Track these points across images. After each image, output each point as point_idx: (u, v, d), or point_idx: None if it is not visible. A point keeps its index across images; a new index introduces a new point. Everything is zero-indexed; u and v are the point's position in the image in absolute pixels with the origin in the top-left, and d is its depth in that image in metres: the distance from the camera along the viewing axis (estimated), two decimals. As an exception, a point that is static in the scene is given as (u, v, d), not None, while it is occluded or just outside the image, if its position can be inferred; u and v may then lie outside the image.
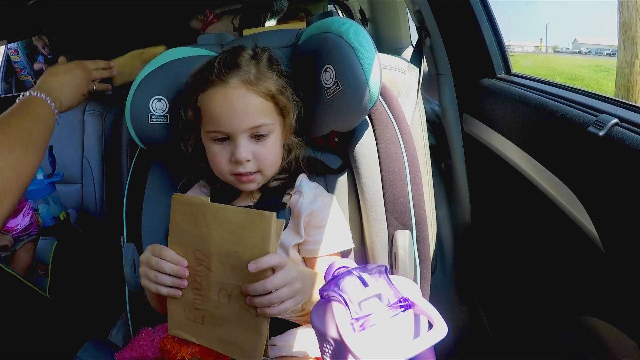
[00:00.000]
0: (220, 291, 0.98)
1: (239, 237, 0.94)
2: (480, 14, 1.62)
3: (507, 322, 1.64)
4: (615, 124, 0.97)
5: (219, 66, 1.15)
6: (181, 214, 1.00)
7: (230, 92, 1.13)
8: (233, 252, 0.95)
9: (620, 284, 1.01)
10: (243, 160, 1.14)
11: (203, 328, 1.02)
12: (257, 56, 1.19)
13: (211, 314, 1.00)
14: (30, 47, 2.61)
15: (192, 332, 1.04)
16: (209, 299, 0.99)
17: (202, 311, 1.01)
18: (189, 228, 0.99)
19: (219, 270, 0.97)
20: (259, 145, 1.16)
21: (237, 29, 2.91)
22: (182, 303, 1.02)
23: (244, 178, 1.17)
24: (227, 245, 0.96)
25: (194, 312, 1.02)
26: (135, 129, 1.32)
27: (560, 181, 1.13)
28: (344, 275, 0.83)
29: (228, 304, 0.98)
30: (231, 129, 1.13)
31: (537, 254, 1.41)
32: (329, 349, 0.79)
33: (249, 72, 1.14)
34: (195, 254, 0.99)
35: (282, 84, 1.19)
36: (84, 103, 2.41)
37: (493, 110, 1.51)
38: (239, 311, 0.97)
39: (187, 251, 1.00)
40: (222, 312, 0.99)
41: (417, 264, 1.28)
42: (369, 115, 1.31)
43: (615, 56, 1.91)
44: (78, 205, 2.29)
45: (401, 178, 1.27)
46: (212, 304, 0.99)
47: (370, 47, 1.18)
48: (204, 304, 1.00)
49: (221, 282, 0.97)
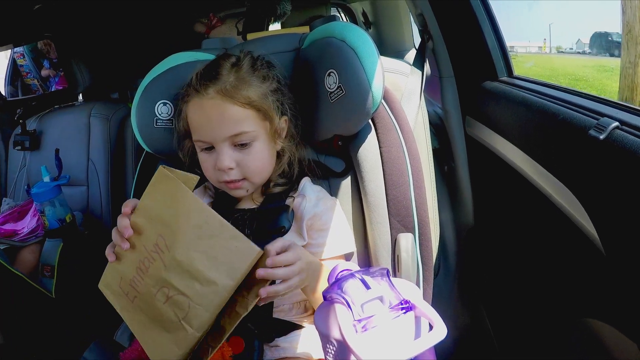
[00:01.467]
0: (162, 288, 0.94)
1: (209, 250, 0.91)
2: (482, 17, 1.63)
3: (509, 325, 1.64)
4: (616, 128, 0.97)
5: (197, 78, 1.16)
6: (161, 192, 0.95)
7: (205, 102, 1.14)
8: (197, 261, 0.91)
9: (622, 286, 1.01)
10: (225, 168, 1.15)
11: (130, 306, 0.99)
12: (238, 63, 1.19)
13: (144, 302, 0.97)
14: (36, 51, 2.62)
15: (118, 303, 1.01)
16: (148, 288, 0.96)
17: (136, 292, 0.98)
18: (162, 210, 0.95)
19: (172, 270, 0.93)
20: (243, 154, 1.16)
21: (241, 33, 2.92)
22: (121, 271, 1.00)
23: (231, 185, 1.19)
24: (193, 252, 0.92)
25: (128, 287, 0.99)
26: (141, 133, 1.33)
27: (562, 184, 1.14)
28: (347, 278, 0.84)
29: (163, 304, 0.94)
30: (211, 138, 1.15)
31: (540, 256, 1.41)
32: (332, 349, 0.80)
33: (226, 81, 1.14)
34: (157, 239, 0.94)
35: (265, 89, 1.18)
36: (90, 105, 2.43)
37: (495, 113, 1.52)
38: (169, 318, 0.93)
39: (151, 230, 0.95)
40: (154, 307, 0.95)
41: (420, 266, 1.28)
42: (372, 118, 1.31)
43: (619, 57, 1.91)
44: (84, 207, 2.30)
45: (404, 181, 1.28)
46: (148, 295, 0.96)
47: (373, 51, 1.19)
48: (140, 288, 0.97)
49: (168, 281, 0.93)
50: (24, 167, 2.46)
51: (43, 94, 2.62)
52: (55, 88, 2.58)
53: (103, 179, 2.29)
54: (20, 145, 2.42)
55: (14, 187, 2.46)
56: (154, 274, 0.95)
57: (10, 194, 2.45)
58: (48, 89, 2.61)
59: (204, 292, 0.90)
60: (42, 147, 2.43)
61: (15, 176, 2.47)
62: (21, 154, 2.46)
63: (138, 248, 0.97)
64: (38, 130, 2.44)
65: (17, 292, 1.81)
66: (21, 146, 2.42)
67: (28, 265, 1.98)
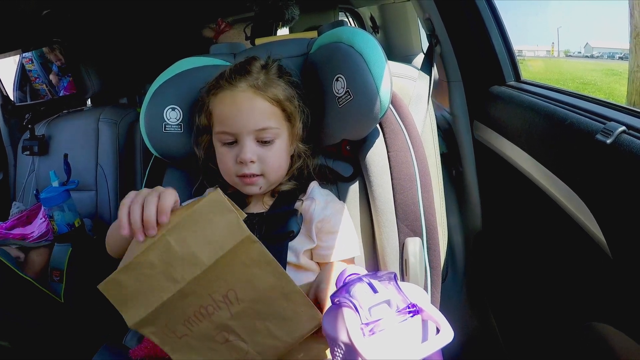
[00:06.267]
0: (222, 332, 0.93)
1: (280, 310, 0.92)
2: (489, 22, 1.63)
3: (517, 329, 1.64)
4: (623, 132, 0.97)
5: (230, 72, 1.20)
6: (250, 260, 0.90)
7: (238, 94, 1.17)
8: (266, 318, 0.92)
9: (629, 290, 1.01)
10: (247, 160, 1.17)
11: (177, 341, 0.94)
12: (267, 66, 1.23)
13: (196, 339, 0.94)
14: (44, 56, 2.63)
15: (161, 338, 0.94)
16: (207, 331, 0.93)
17: (189, 331, 0.93)
18: (243, 271, 0.90)
19: (239, 319, 0.92)
20: (265, 149, 1.19)
21: (249, 38, 2.93)
22: (173, 315, 0.92)
23: (247, 180, 1.20)
24: (266, 308, 0.92)
25: (179, 326, 0.93)
26: (150, 138, 1.34)
27: (570, 188, 1.14)
28: (355, 282, 0.84)
29: (221, 344, 0.93)
30: (237, 129, 1.17)
31: (547, 260, 1.41)
32: (339, 352, 0.80)
33: (258, 78, 1.19)
34: (227, 292, 0.91)
35: (291, 92, 1.22)
36: (98, 110, 2.44)
37: (503, 118, 1.52)
38: (224, 356, 0.94)
39: (222, 283, 0.90)
40: (208, 345, 0.94)
41: (428, 270, 1.28)
42: (380, 123, 1.32)
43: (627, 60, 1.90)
44: (92, 212, 2.31)
45: (412, 186, 1.28)
46: (204, 334, 0.93)
47: (380, 56, 1.20)
48: (195, 328, 0.93)
49: (231, 328, 0.93)
50: (33, 171, 2.47)
51: (52, 98, 2.63)
52: (64, 93, 2.60)
53: (112, 184, 2.30)
54: (29, 150, 2.44)
55: (23, 192, 2.48)
56: (217, 321, 0.92)
57: (19, 199, 2.47)
58: (57, 94, 2.62)
59: (265, 342, 0.93)
60: (51, 152, 2.44)
61: (24, 181, 2.48)
62: (30, 159, 2.48)
63: (200, 295, 0.91)
64: (47, 135, 2.46)
65: (26, 296, 1.82)
66: (30, 151, 2.44)
67: (36, 269, 1.99)
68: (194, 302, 0.91)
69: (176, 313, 0.92)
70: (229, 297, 0.91)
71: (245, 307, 0.91)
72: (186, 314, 0.92)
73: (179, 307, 0.91)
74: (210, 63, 1.37)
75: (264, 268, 0.89)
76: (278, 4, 2.81)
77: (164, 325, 0.93)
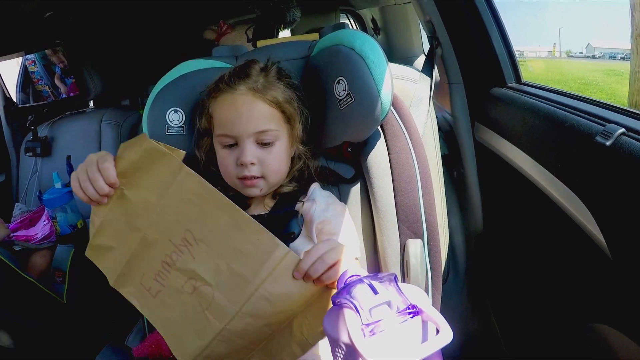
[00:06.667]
0: (189, 279, 0.95)
1: (237, 243, 0.92)
2: (490, 24, 1.64)
3: (518, 330, 1.64)
4: (622, 134, 0.98)
5: (230, 75, 1.20)
6: (189, 192, 0.95)
7: (237, 97, 1.18)
8: (225, 253, 0.93)
9: (629, 291, 1.01)
10: (247, 162, 1.17)
11: (152, 301, 0.99)
12: (266, 68, 1.23)
13: (168, 294, 0.98)
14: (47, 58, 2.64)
15: (138, 301, 1.00)
16: (175, 280, 0.97)
17: (161, 286, 0.98)
18: (190, 207, 0.95)
19: (201, 262, 0.95)
20: (265, 152, 1.20)
21: (251, 40, 2.93)
22: (143, 268, 0.99)
23: (248, 182, 1.20)
24: (221, 244, 0.93)
25: (152, 282, 0.99)
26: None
27: (570, 190, 1.14)
28: (355, 283, 0.84)
29: (190, 295, 0.96)
30: (237, 132, 1.17)
31: (548, 262, 1.41)
32: (340, 353, 0.81)
33: (257, 81, 1.19)
34: (184, 233, 0.95)
35: (290, 94, 1.23)
36: (101, 112, 2.44)
37: (504, 119, 1.52)
38: (194, 308, 0.95)
39: (177, 226, 0.96)
40: (179, 299, 0.97)
41: (429, 272, 1.29)
42: (381, 125, 1.32)
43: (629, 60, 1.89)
44: (95, 213, 2.31)
45: (413, 188, 1.28)
46: (175, 286, 0.97)
47: (381, 59, 1.20)
48: (166, 281, 0.98)
49: (196, 272, 0.95)
50: (35, 173, 2.48)
51: (54, 100, 2.64)
52: (69, 95, 2.60)
53: (114, 185, 2.30)
54: (32, 151, 2.44)
55: (25, 193, 2.48)
56: (182, 267, 0.96)
57: (21, 200, 2.47)
58: (59, 96, 2.63)
59: (228, 282, 0.93)
60: (54, 154, 2.45)
61: (27, 182, 2.49)
62: (32, 160, 2.48)
63: (161, 242, 0.98)
64: (49, 137, 2.47)
65: (29, 297, 1.83)
66: (32, 152, 2.44)
67: (38, 270, 1.99)
68: (158, 251, 0.98)
69: (146, 266, 0.99)
70: (187, 239, 0.95)
71: (205, 247, 0.95)
72: (155, 267, 0.98)
73: (146, 258, 0.99)
74: (213, 65, 1.37)
75: (208, 201, 0.94)
76: (279, 6, 2.82)
77: (139, 283, 1.00)
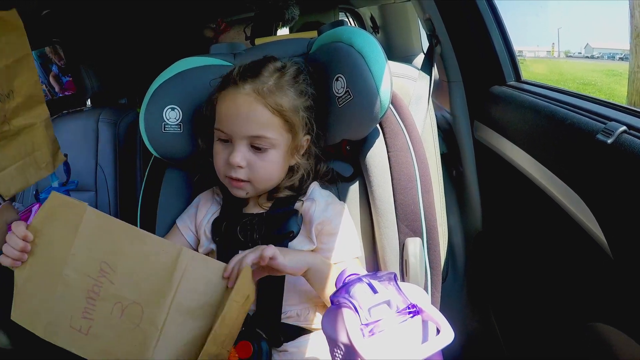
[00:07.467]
0: (116, 304, 1.00)
1: (143, 256, 1.01)
2: (490, 22, 1.63)
3: (518, 329, 1.64)
4: (624, 132, 0.97)
5: (240, 70, 1.18)
6: (96, 228, 1.02)
7: (240, 96, 1.15)
8: (137, 268, 1.00)
9: (630, 290, 1.01)
10: (236, 164, 1.15)
11: (86, 339, 1.01)
12: (283, 69, 1.20)
13: (100, 325, 1.00)
14: (44, 56, 2.63)
15: (73, 343, 1.01)
16: (102, 309, 1.00)
17: (91, 321, 1.00)
18: (100, 241, 1.01)
19: (121, 284, 1.00)
20: (257, 156, 1.17)
21: (249, 38, 2.93)
22: (68, 311, 1.01)
23: (234, 183, 1.19)
24: (136, 263, 1.00)
25: (81, 321, 1.01)
26: (149, 138, 1.33)
27: (570, 188, 1.13)
28: (354, 283, 0.84)
29: (119, 318, 0.99)
30: (231, 131, 1.16)
31: (548, 261, 1.41)
32: (339, 353, 0.80)
33: (265, 83, 1.15)
34: (100, 265, 1.00)
35: (299, 103, 1.19)
36: (98, 110, 2.43)
37: (503, 118, 1.52)
38: (128, 327, 0.99)
39: (92, 261, 1.00)
40: (111, 326, 1.00)
41: (428, 271, 1.28)
42: (380, 123, 1.31)
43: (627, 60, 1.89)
44: (92, 212, 2.30)
45: (412, 186, 1.27)
46: (104, 315, 1.00)
47: (380, 56, 1.19)
48: (94, 314, 1.00)
49: (120, 295, 1.00)
50: (33, 172, 2.46)
51: (51, 99, 2.62)
52: (64, 94, 2.59)
53: (111, 184, 2.30)
54: (29, 150, 2.42)
55: (22, 192, 2.46)
56: (106, 296, 1.00)
57: (18, 199, 2.45)
58: (55, 95, 2.62)
59: (150, 294, 1.00)
60: (51, 152, 2.43)
61: (24, 181, 2.47)
62: (29, 159, 2.47)
63: (81, 279, 1.01)
64: (47, 136, 2.45)
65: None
66: (29, 151, 2.42)
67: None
68: (80, 289, 1.01)
69: (72, 307, 1.01)
70: (104, 270, 1.00)
71: (121, 270, 1.00)
72: (80, 305, 1.01)
73: (70, 300, 1.01)
74: (210, 63, 1.36)
75: (115, 231, 1.02)
76: (278, 4, 2.82)
77: (69, 327, 1.01)
